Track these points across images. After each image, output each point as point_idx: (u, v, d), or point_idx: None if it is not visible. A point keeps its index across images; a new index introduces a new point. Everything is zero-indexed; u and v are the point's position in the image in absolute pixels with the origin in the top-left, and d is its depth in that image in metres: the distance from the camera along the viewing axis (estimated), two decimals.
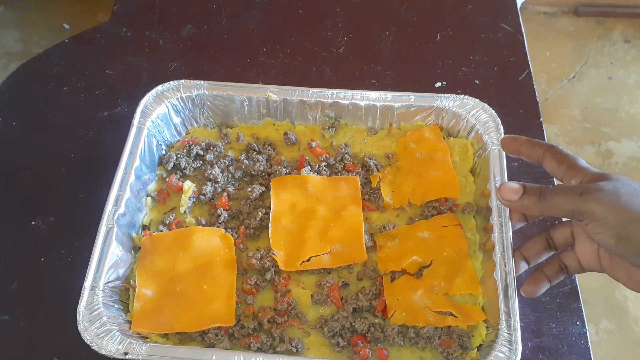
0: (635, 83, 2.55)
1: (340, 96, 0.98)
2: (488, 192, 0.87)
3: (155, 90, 0.97)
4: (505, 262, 0.78)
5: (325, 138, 1.01)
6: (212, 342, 0.80)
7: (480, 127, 0.95)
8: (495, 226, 0.82)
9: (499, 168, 0.88)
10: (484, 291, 0.82)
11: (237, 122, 1.02)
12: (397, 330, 0.81)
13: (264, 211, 0.92)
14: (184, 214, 0.93)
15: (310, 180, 0.94)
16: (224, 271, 0.85)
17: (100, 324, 0.76)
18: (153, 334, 0.80)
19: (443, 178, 0.94)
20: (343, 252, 0.88)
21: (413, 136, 0.99)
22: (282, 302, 0.83)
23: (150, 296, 0.83)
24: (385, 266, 0.87)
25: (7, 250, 0.95)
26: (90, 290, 0.78)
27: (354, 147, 1.00)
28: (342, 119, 1.01)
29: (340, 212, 0.91)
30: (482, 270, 0.85)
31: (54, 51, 1.22)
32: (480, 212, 0.90)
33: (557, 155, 0.73)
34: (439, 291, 0.83)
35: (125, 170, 0.89)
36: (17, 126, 1.11)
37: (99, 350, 0.74)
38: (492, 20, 1.29)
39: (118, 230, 0.84)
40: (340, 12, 1.31)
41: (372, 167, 0.96)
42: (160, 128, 0.98)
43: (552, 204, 0.68)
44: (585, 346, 0.87)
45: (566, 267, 0.75)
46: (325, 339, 0.82)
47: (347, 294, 0.85)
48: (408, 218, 0.93)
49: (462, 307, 0.82)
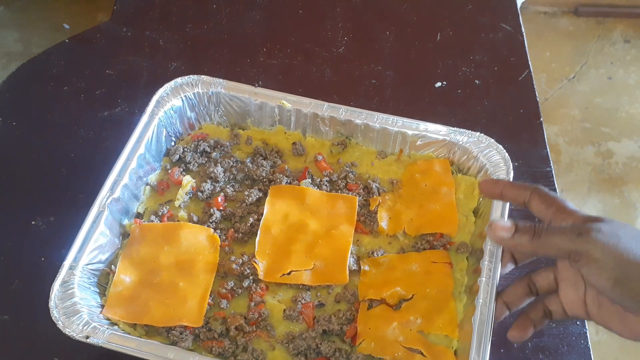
0: (635, 83, 2.55)
1: (355, 115, 0.96)
2: (485, 234, 0.83)
3: (173, 82, 0.97)
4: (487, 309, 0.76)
5: (332, 154, 0.99)
6: (175, 339, 0.79)
7: (490, 167, 0.92)
8: (484, 271, 0.79)
9: (499, 213, 0.85)
10: (461, 335, 0.79)
11: (250, 124, 1.02)
12: (362, 359, 0.79)
13: (257, 217, 0.91)
14: (178, 208, 0.93)
15: (308, 193, 0.93)
16: (204, 272, 0.85)
17: (72, 303, 0.76)
18: (122, 321, 0.80)
19: (443, 213, 0.91)
20: (325, 272, 0.86)
21: (421, 166, 0.96)
22: (254, 311, 0.82)
23: (127, 283, 0.83)
24: (365, 292, 0.84)
25: (7, 250, 0.95)
26: (68, 269, 0.79)
27: (361, 167, 0.99)
28: (353, 137, 0.99)
29: (331, 230, 0.90)
30: (462, 313, 0.82)
31: (54, 51, 1.22)
32: (474, 253, 0.87)
33: (545, 197, 0.70)
34: (414, 327, 0.81)
35: (128, 157, 0.89)
36: (17, 126, 1.11)
37: (62, 329, 0.74)
38: (492, 20, 1.29)
39: (109, 215, 0.84)
40: (340, 12, 1.31)
41: (374, 190, 0.94)
42: (173, 120, 0.98)
43: (547, 243, 0.65)
44: (586, 346, 0.87)
45: (550, 313, 0.73)
46: (289, 355, 0.80)
47: (320, 315, 0.83)
48: (399, 247, 0.90)
49: (434, 347, 0.79)
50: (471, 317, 0.76)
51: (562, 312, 0.72)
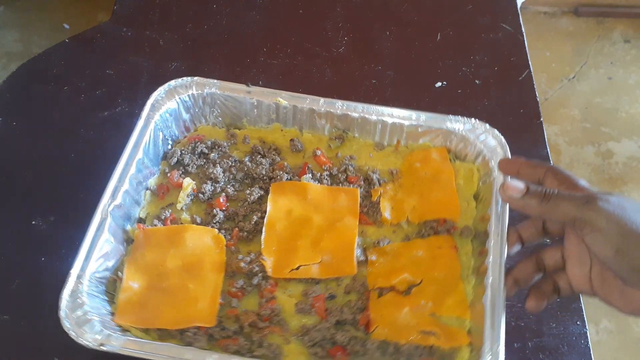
0: (635, 83, 2.55)
1: (351, 109, 0.97)
2: (488, 217, 0.86)
3: (167, 85, 0.97)
4: (497, 287, 0.77)
5: (330, 148, 1.00)
6: (189, 340, 0.79)
7: (487, 153, 0.93)
8: (490, 251, 0.81)
9: None
10: (472, 316, 0.81)
11: (246, 124, 1.02)
12: (377, 345, 0.79)
13: (260, 215, 0.92)
14: (181, 210, 0.93)
15: (309, 188, 0.94)
16: (212, 272, 0.85)
17: (82, 312, 0.76)
18: (134, 327, 0.80)
19: (445, 199, 0.93)
20: (333, 264, 0.87)
21: (419, 155, 0.98)
22: (266, 307, 0.82)
23: (136, 289, 0.83)
24: (374, 281, 0.86)
25: (7, 250, 0.95)
26: (76, 279, 0.78)
27: (359, 160, 1.00)
28: (350, 131, 1.00)
29: (336, 223, 0.90)
30: (472, 294, 0.83)
31: (54, 51, 1.22)
32: (478, 236, 0.89)
33: (558, 175, 0.72)
34: (425, 311, 0.82)
35: (127, 162, 0.89)
36: (17, 126, 1.11)
37: (76, 339, 0.74)
38: (492, 20, 1.29)
39: (112, 222, 0.84)
40: (340, 12, 1.31)
41: (375, 181, 0.96)
42: (169, 123, 0.98)
43: (555, 208, 0.67)
44: (586, 346, 0.87)
45: (558, 289, 0.75)
46: (304, 347, 0.80)
47: (332, 306, 0.84)
48: (404, 235, 0.92)
49: (447, 328, 0.80)
50: (482, 297, 0.78)
51: (569, 289, 0.74)
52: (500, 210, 0.85)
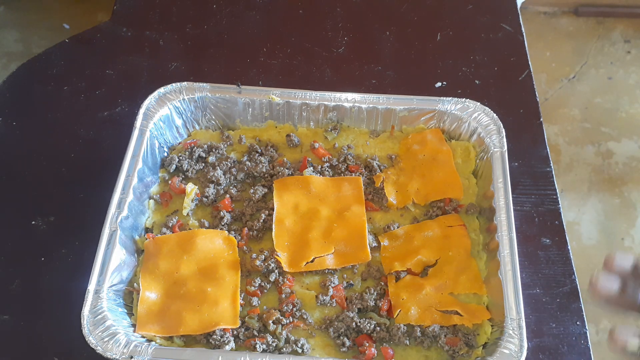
0: (635, 83, 2.55)
1: (343, 99, 0.98)
2: (491, 194, 0.87)
3: (157, 92, 0.98)
4: (510, 260, 0.80)
5: (327, 140, 1.01)
6: (217, 343, 0.80)
7: (482, 130, 0.96)
8: (500, 226, 0.83)
9: (501, 170, 0.89)
10: (488, 290, 0.83)
11: (239, 124, 1.03)
12: (403, 330, 0.81)
13: (267, 213, 0.92)
14: (187, 216, 0.93)
15: (312, 181, 0.94)
16: (228, 273, 0.86)
17: (105, 327, 0.76)
18: (158, 336, 0.80)
19: (446, 179, 0.94)
20: (347, 253, 0.88)
21: (415, 138, 0.99)
22: (287, 303, 0.83)
23: (154, 299, 0.83)
24: (389, 266, 0.87)
25: (7, 250, 0.95)
26: (94, 294, 0.78)
27: (357, 148, 1.01)
28: (344, 121, 1.01)
29: (344, 213, 0.91)
30: (485, 270, 0.85)
31: (54, 51, 1.22)
32: (483, 213, 0.91)
33: None
34: (445, 290, 0.84)
35: (128, 173, 0.89)
36: (17, 126, 1.11)
37: (104, 353, 0.74)
38: (492, 20, 1.29)
39: (121, 234, 0.84)
40: (340, 12, 1.30)
41: (375, 168, 0.97)
42: (162, 130, 0.98)
43: None
44: (586, 346, 0.87)
45: None
46: (330, 339, 0.82)
47: (351, 295, 0.85)
48: (412, 218, 0.93)
49: (468, 306, 0.82)
50: (496, 272, 0.80)
51: None
52: (504, 184, 0.87)
